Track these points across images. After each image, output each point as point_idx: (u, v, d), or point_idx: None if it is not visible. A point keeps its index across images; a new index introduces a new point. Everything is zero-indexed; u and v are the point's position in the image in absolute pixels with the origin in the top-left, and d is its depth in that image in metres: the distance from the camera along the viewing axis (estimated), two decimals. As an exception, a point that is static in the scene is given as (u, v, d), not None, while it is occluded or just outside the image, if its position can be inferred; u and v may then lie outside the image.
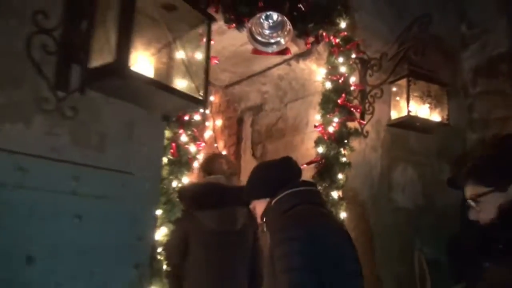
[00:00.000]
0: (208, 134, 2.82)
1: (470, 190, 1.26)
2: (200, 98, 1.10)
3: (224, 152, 3.21)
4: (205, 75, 1.11)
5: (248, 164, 3.21)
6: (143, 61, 0.99)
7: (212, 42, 1.22)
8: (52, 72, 1.23)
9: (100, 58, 1.01)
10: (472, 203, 1.25)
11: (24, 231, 1.15)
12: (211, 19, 1.16)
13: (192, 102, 1.10)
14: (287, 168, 1.44)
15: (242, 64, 2.79)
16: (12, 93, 1.16)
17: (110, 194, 1.36)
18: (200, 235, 1.90)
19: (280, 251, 1.20)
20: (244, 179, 3.17)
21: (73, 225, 1.26)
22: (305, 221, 1.24)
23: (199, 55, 1.13)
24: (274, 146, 2.99)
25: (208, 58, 1.14)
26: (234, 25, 2.06)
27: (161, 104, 1.22)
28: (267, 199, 1.35)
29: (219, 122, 3.28)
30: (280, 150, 2.90)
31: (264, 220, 1.35)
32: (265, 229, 1.36)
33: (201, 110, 1.24)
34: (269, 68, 2.83)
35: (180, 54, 1.07)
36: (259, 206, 1.38)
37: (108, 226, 1.34)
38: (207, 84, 1.12)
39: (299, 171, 1.46)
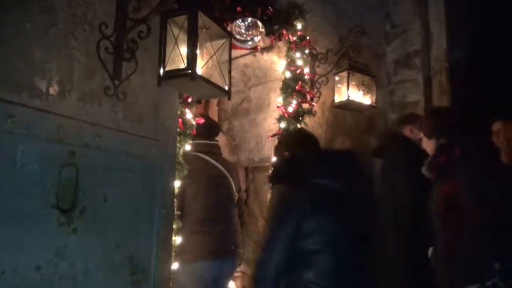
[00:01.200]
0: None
1: None
2: (226, 89, 1.66)
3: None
4: (229, 74, 1.67)
5: (215, 138, 3.76)
6: (197, 65, 1.52)
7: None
8: (111, 67, 1.71)
9: (173, 64, 1.53)
10: None
11: (100, 175, 1.64)
12: (230, 35, 1.70)
13: (223, 92, 1.65)
14: None
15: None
16: (90, 82, 1.63)
17: (147, 155, 1.87)
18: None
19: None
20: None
21: (126, 176, 1.77)
22: None
23: (225, 59, 1.67)
24: (240, 123, 3.56)
25: (230, 61, 1.69)
26: (218, 25, 2.58)
27: (203, 92, 1.75)
28: None
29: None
30: (245, 126, 3.48)
31: None
32: None
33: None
34: (237, 58, 3.36)
35: (213, 59, 1.60)
36: None
37: (147, 178, 1.87)
38: (230, 80, 1.68)
39: None
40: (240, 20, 2.62)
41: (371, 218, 1.76)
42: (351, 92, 2.95)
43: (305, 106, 3.02)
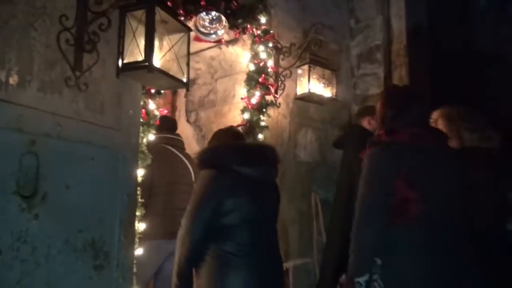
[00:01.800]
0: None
1: None
2: (185, 81, 1.75)
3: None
4: (187, 66, 1.75)
5: (183, 128, 3.83)
6: (155, 57, 1.59)
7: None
8: (72, 58, 1.76)
9: (131, 56, 1.59)
10: None
11: (61, 163, 1.70)
12: (189, 29, 1.78)
13: (181, 83, 1.73)
14: None
15: (180, 45, 3.36)
16: (51, 73, 1.68)
17: (109, 144, 1.94)
18: None
19: None
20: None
21: (89, 165, 1.83)
22: None
23: (185, 52, 1.75)
24: (206, 114, 3.64)
25: (188, 54, 1.76)
26: (182, 18, 2.64)
27: (161, 84, 1.82)
28: None
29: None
30: (211, 117, 3.56)
31: None
32: None
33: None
34: (203, 50, 3.43)
35: (172, 52, 1.68)
36: None
37: (110, 166, 1.93)
38: (188, 72, 1.76)
39: None
40: (204, 13, 2.69)
41: (278, 201, 2.06)
42: (312, 85, 3.08)
43: (269, 98, 3.13)
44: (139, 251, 2.23)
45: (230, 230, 1.75)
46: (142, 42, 1.55)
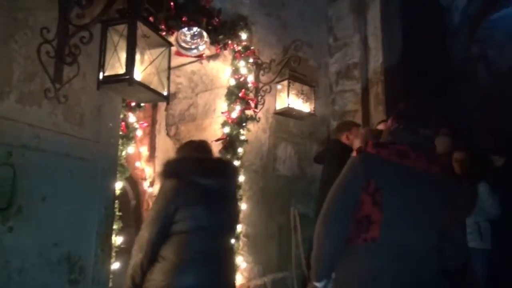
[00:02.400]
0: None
1: None
2: (165, 94, 1.77)
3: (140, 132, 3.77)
4: (168, 80, 1.78)
5: (162, 142, 3.83)
6: (135, 71, 1.61)
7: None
8: (52, 70, 1.76)
9: (112, 69, 1.61)
10: None
11: (38, 175, 1.69)
12: (170, 44, 1.82)
13: (161, 97, 1.76)
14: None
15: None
16: (30, 85, 1.68)
17: (88, 156, 1.93)
18: None
19: None
20: (158, 154, 3.80)
21: (66, 177, 1.82)
22: None
23: (164, 66, 1.78)
24: (186, 128, 3.65)
25: (169, 68, 1.79)
26: (164, 33, 2.67)
27: (142, 97, 1.84)
28: None
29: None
30: (191, 131, 3.57)
31: None
32: None
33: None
34: (184, 64, 3.46)
35: (153, 65, 1.70)
36: None
37: (88, 179, 1.92)
38: (169, 85, 1.78)
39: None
40: (186, 29, 2.73)
41: (234, 210, 2.19)
42: (291, 100, 3.14)
43: (249, 112, 3.18)
44: (116, 265, 2.21)
45: (184, 237, 1.85)
46: (123, 56, 1.57)
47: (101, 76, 1.65)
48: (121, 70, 1.58)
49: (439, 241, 1.50)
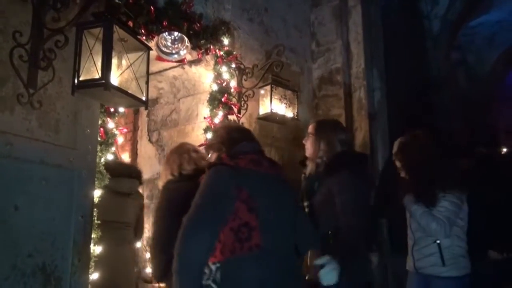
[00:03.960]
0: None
1: None
2: (144, 99, 1.73)
3: (121, 138, 3.71)
4: (146, 85, 1.74)
5: (144, 148, 3.78)
6: (112, 75, 1.57)
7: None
8: (26, 75, 1.71)
9: (88, 73, 1.56)
10: None
11: (11, 184, 1.63)
12: (149, 48, 1.78)
13: (140, 102, 1.72)
14: None
15: (142, 64, 3.34)
16: (2, 90, 1.62)
17: (64, 164, 1.87)
18: None
19: None
20: (140, 160, 3.74)
21: (41, 185, 1.76)
22: None
23: (143, 70, 1.74)
24: (169, 133, 3.60)
25: (147, 72, 1.76)
26: (144, 38, 2.64)
27: (119, 102, 1.79)
28: None
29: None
30: (174, 136, 3.53)
31: None
32: None
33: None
34: (165, 70, 3.42)
35: (131, 70, 1.67)
36: None
37: (64, 186, 1.86)
38: (147, 91, 1.75)
39: None
40: (166, 33, 2.70)
41: None
42: (274, 105, 3.13)
43: (232, 117, 3.15)
44: (94, 276, 2.14)
45: None
46: (99, 60, 1.53)
47: (76, 81, 1.60)
48: (97, 74, 1.53)
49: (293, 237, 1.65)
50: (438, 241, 2.23)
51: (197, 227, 1.40)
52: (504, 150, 7.04)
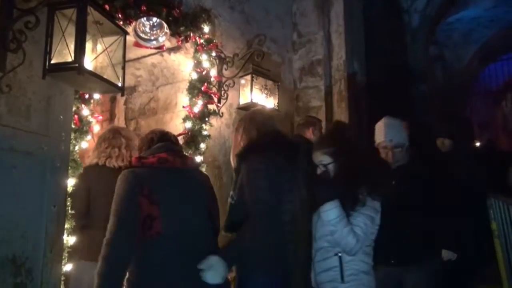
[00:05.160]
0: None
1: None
2: (120, 85, 1.67)
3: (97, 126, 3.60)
4: (123, 70, 1.68)
5: (122, 137, 3.68)
6: (86, 59, 1.51)
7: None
8: (-7, 57, 1.62)
9: (60, 56, 1.48)
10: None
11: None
12: (125, 32, 1.71)
13: (116, 88, 1.65)
14: None
15: (120, 50, 3.24)
16: (-33, 72, 1.53)
17: (35, 151, 1.80)
18: None
19: None
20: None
21: (11, 173, 1.69)
22: None
23: (119, 55, 1.68)
24: (147, 122, 3.52)
25: (124, 58, 1.69)
26: (121, 23, 2.55)
27: (94, 88, 1.72)
28: None
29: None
30: (152, 125, 3.45)
31: None
32: None
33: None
34: (144, 57, 3.32)
35: (107, 55, 1.60)
36: None
37: (36, 175, 1.79)
38: (124, 76, 1.68)
39: None
40: (144, 18, 2.61)
41: None
42: (255, 95, 3.10)
43: (211, 107, 3.11)
44: (68, 267, 2.08)
45: None
46: (72, 42, 1.46)
47: (47, 64, 1.53)
48: (70, 57, 1.46)
49: (212, 222, 1.80)
50: (340, 254, 1.83)
51: (119, 237, 1.57)
52: (477, 144, 7.25)
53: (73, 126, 2.10)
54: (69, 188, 2.08)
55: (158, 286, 1.59)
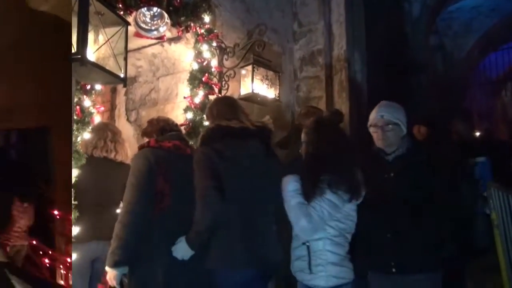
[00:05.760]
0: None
1: None
2: (122, 76, 1.66)
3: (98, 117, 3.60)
4: (125, 61, 1.67)
5: (122, 127, 3.68)
6: (89, 50, 1.50)
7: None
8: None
9: (62, 48, 1.48)
10: None
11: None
12: (127, 23, 1.70)
13: (118, 79, 1.65)
14: None
15: (120, 41, 3.22)
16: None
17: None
18: None
19: None
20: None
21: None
22: None
23: (121, 46, 1.67)
24: (148, 113, 3.52)
25: (126, 49, 1.69)
26: (121, 13, 2.53)
27: (96, 79, 1.72)
28: None
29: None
30: (153, 116, 3.45)
31: None
32: None
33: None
34: (144, 47, 3.31)
35: (109, 46, 1.59)
36: None
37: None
38: (126, 67, 1.68)
39: None
40: (145, 8, 2.60)
41: None
42: (256, 86, 3.09)
43: (212, 97, 3.10)
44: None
45: None
46: (74, 33, 1.45)
47: (50, 55, 1.52)
48: (73, 49, 1.46)
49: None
50: (307, 244, 1.82)
51: (140, 207, 1.88)
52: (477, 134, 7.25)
53: (75, 117, 2.10)
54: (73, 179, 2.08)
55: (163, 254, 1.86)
